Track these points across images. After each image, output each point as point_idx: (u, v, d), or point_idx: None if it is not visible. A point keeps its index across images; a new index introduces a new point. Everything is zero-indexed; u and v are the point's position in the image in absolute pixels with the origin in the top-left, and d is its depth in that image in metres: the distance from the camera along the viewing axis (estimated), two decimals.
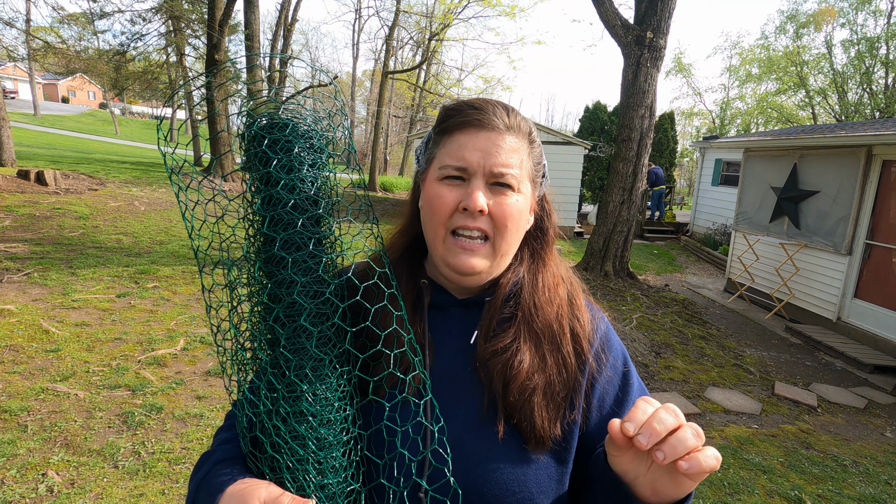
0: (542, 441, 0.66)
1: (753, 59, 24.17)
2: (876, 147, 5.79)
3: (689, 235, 13.32)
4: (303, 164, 0.61)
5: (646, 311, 6.50)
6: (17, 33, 14.79)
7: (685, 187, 30.76)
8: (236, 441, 0.67)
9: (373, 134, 22.18)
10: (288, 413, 0.59)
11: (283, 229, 0.60)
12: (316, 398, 0.61)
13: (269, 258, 0.61)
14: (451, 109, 0.71)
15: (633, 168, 7.69)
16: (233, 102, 0.64)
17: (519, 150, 0.70)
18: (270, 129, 0.61)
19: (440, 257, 0.70)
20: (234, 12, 14.11)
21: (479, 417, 0.67)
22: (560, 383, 0.69)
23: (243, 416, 0.62)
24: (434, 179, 0.70)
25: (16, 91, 47.63)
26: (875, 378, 5.08)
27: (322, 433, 0.61)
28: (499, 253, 0.69)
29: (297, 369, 0.60)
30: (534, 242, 0.78)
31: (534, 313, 0.72)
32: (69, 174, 10.38)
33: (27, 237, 6.52)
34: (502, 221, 0.68)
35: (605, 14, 7.54)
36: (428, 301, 0.74)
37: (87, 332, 4.12)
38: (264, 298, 0.61)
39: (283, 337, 0.60)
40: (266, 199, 0.60)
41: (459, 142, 0.69)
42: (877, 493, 3.06)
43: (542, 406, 0.67)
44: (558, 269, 0.79)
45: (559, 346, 0.71)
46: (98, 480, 2.47)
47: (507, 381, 0.67)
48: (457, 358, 0.71)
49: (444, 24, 20.01)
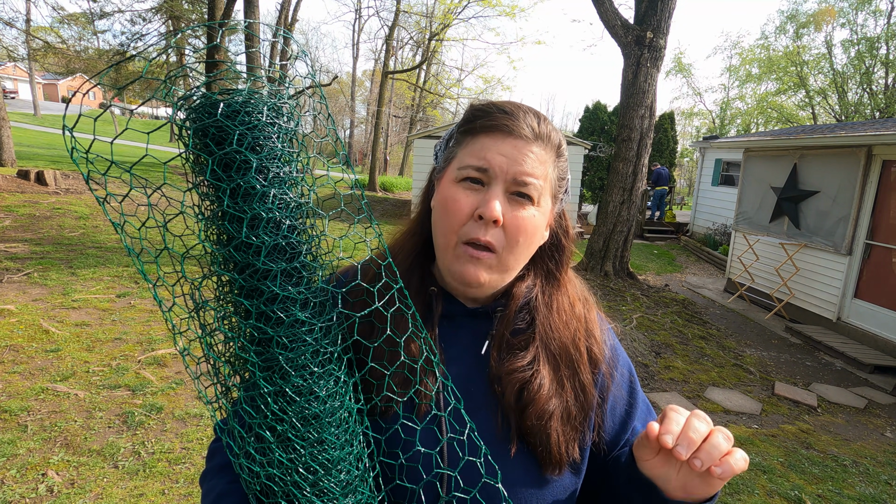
0: (560, 465, 0.65)
1: (753, 59, 24.18)
2: (876, 147, 5.79)
3: (689, 235, 13.31)
4: (252, 164, 0.50)
5: (646, 311, 6.50)
6: (17, 33, 14.79)
7: (685, 187, 30.75)
8: (234, 494, 0.63)
9: (373, 134, 22.18)
10: (307, 468, 0.53)
11: (261, 229, 0.52)
12: (334, 443, 0.55)
13: (249, 269, 0.52)
14: (479, 110, 0.68)
15: (633, 168, 7.69)
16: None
17: (545, 162, 0.66)
18: (214, 106, 0.50)
19: (446, 265, 0.67)
20: (234, 12, 14.10)
21: (496, 434, 0.65)
22: (577, 407, 0.68)
23: (257, 483, 0.54)
24: (451, 180, 0.66)
25: (16, 91, 47.63)
26: (875, 378, 5.08)
27: (343, 478, 0.56)
28: (505, 267, 0.66)
29: (315, 419, 0.54)
30: (549, 261, 0.75)
31: (550, 336, 0.70)
32: (69, 174, 10.38)
33: (27, 237, 6.53)
34: (514, 236, 0.64)
35: (605, 14, 7.54)
36: (440, 311, 0.71)
37: (87, 332, 4.12)
38: (252, 319, 0.53)
39: (290, 387, 0.53)
40: (233, 192, 0.51)
41: (484, 144, 0.65)
42: (877, 493, 3.06)
43: (560, 431, 0.65)
44: (574, 289, 0.76)
45: (576, 371, 0.69)
46: (98, 480, 2.47)
47: (524, 404, 0.64)
48: (468, 369, 0.68)
49: (444, 24, 20.02)
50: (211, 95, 0.51)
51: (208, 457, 0.73)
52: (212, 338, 0.57)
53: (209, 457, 0.73)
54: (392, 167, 35.32)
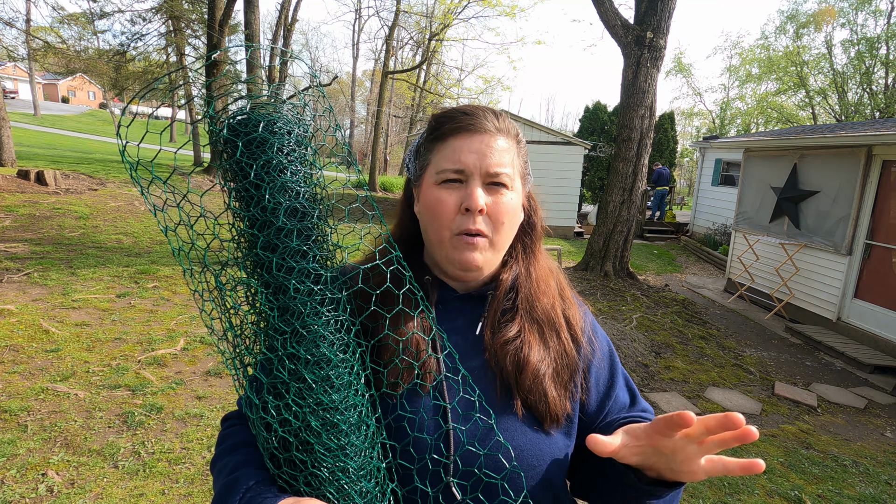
0: (557, 418, 0.73)
1: (753, 59, 24.17)
2: (876, 147, 5.79)
3: (689, 235, 13.31)
4: (286, 167, 0.61)
5: (646, 311, 6.50)
6: (17, 33, 14.79)
7: (685, 187, 30.75)
8: (251, 464, 0.66)
9: (373, 134, 22.19)
10: (319, 426, 0.59)
11: (278, 239, 0.60)
12: (344, 405, 0.61)
13: (272, 274, 0.61)
14: (444, 116, 0.75)
15: (633, 168, 7.69)
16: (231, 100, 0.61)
17: (509, 150, 0.74)
18: (243, 127, 0.60)
19: (445, 257, 0.74)
20: (234, 12, 14.10)
21: (495, 402, 0.71)
22: (564, 366, 0.76)
23: (273, 436, 0.60)
24: (432, 185, 0.74)
25: (16, 91, 47.62)
26: (875, 378, 5.08)
27: (353, 440, 0.61)
28: (496, 248, 0.74)
29: (324, 381, 0.60)
30: (524, 237, 0.83)
31: (533, 304, 0.78)
32: (69, 174, 10.38)
33: (27, 237, 6.52)
34: (499, 218, 0.72)
35: (605, 14, 7.54)
36: (435, 298, 0.78)
37: (87, 332, 4.12)
38: (275, 322, 0.60)
39: (304, 350, 0.60)
40: (255, 206, 0.60)
41: (454, 146, 0.73)
42: (877, 493, 3.06)
43: (553, 387, 0.73)
44: (547, 262, 0.85)
45: (558, 332, 0.78)
46: (98, 480, 2.47)
47: (520, 368, 0.72)
48: (465, 349, 0.75)
49: (444, 24, 20.02)
50: (255, 112, 0.61)
51: (217, 443, 0.76)
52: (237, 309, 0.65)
53: (219, 443, 0.76)
54: (392, 167, 35.31)
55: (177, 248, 0.60)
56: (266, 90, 0.66)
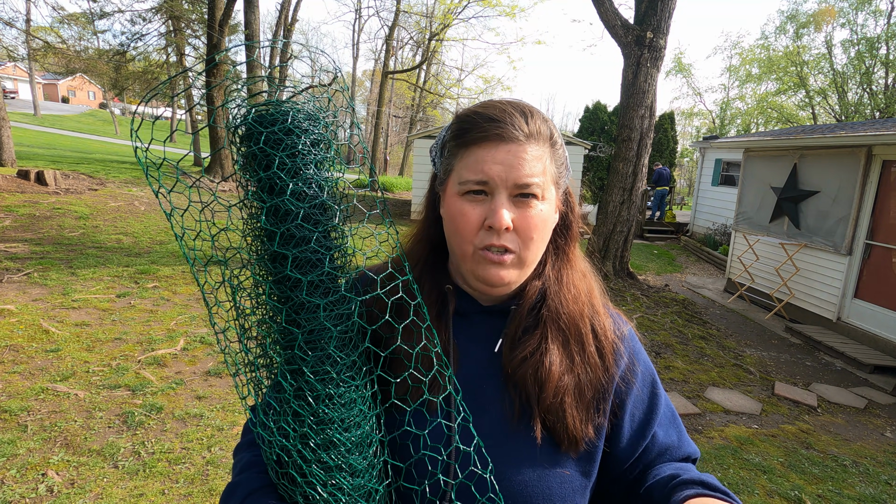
0: (576, 442, 0.66)
1: (753, 59, 24.18)
2: (876, 147, 5.79)
3: (689, 235, 13.31)
4: (307, 166, 0.58)
5: (646, 311, 6.50)
6: (17, 33, 14.80)
7: (685, 187, 30.75)
8: (258, 465, 0.66)
9: (373, 134, 22.19)
10: (318, 444, 0.57)
11: (294, 245, 0.57)
12: (344, 424, 0.59)
13: (281, 277, 0.59)
14: (467, 122, 0.67)
15: (633, 168, 7.69)
16: (232, 100, 0.60)
17: (541, 157, 0.66)
18: (265, 124, 0.57)
19: (469, 271, 0.68)
20: (234, 12, 14.12)
21: (509, 427, 0.66)
22: (587, 383, 0.69)
23: (273, 451, 0.59)
24: (454, 194, 0.67)
25: (16, 91, 47.63)
26: (875, 378, 5.08)
27: (353, 460, 0.59)
28: (526, 263, 0.68)
29: (326, 399, 0.58)
30: (558, 238, 0.76)
31: (560, 311, 0.71)
32: (69, 174, 10.38)
33: (27, 237, 6.52)
34: (528, 234, 0.65)
35: (605, 14, 7.54)
36: (453, 308, 0.72)
37: (87, 332, 4.12)
38: (283, 323, 0.59)
39: (308, 366, 0.58)
40: (271, 210, 0.58)
41: (478, 156, 0.65)
42: (877, 493, 3.06)
43: (574, 406, 0.66)
44: (582, 265, 0.78)
45: (584, 344, 0.70)
46: (98, 480, 2.47)
47: (541, 383, 0.66)
48: (482, 367, 0.70)
49: (444, 24, 20.02)
50: (275, 111, 0.58)
51: (242, 433, 0.77)
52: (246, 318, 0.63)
53: (243, 433, 0.77)
54: (392, 167, 35.31)
55: (192, 259, 0.58)
56: (286, 88, 0.63)
